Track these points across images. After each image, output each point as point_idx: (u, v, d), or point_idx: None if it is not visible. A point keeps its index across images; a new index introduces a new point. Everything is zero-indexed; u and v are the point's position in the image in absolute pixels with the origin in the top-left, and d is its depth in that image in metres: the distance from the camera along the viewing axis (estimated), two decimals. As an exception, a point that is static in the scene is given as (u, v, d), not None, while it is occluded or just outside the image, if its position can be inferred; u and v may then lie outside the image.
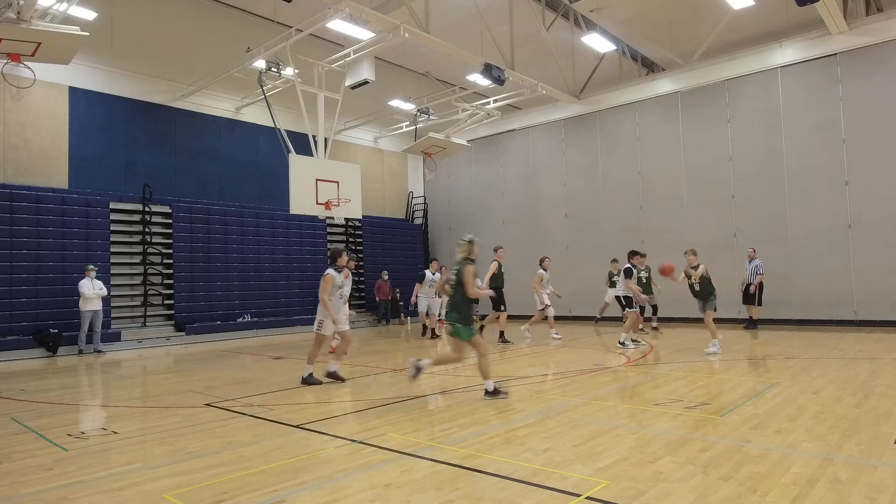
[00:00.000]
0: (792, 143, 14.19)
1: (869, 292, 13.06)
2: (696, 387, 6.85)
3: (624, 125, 17.20)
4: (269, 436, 5.17)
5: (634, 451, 4.34)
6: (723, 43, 15.64)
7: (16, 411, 6.54)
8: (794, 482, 3.60)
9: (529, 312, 18.09)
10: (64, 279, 12.64)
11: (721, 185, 15.20)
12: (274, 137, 14.36)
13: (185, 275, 15.00)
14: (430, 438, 4.90)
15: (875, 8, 14.44)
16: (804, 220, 13.94)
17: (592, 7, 14.82)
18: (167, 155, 15.75)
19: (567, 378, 7.81)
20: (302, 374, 7.91)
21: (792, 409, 5.55)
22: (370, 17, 11.74)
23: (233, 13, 16.34)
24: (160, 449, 4.84)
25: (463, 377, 8.06)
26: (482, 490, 3.64)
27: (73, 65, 11.98)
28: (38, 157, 13.51)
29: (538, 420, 5.41)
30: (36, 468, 4.36)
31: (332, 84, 13.74)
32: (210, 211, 15.81)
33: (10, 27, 8.49)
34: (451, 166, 21.21)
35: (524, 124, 19.60)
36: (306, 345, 13.38)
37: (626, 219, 16.92)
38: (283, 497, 3.61)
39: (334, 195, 13.12)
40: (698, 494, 3.45)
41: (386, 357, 10.77)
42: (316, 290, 8.11)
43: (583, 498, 3.45)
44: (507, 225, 19.85)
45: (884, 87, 12.99)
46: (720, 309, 14.73)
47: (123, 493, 3.78)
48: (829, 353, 9.36)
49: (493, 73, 14.00)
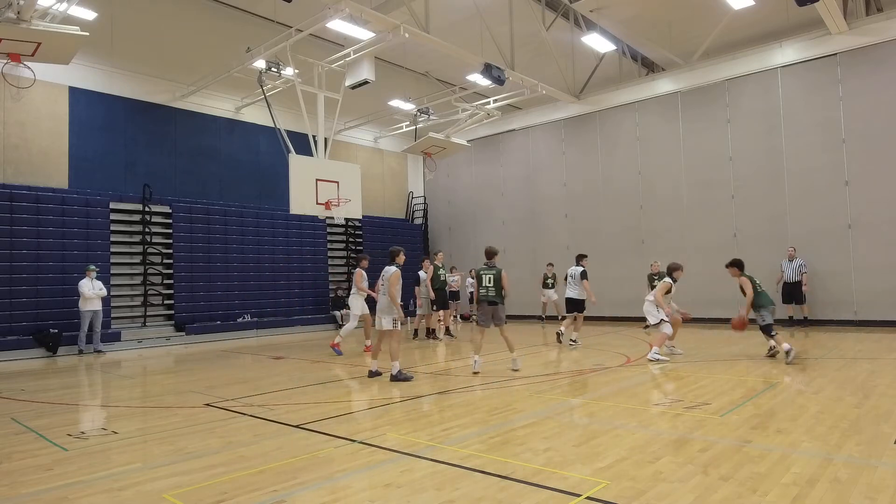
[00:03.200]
0: (792, 143, 14.19)
1: (869, 292, 13.06)
2: (696, 387, 6.85)
3: (624, 125, 17.20)
4: (269, 436, 5.17)
5: (634, 451, 4.34)
6: (723, 43, 15.63)
7: (16, 411, 6.54)
8: (794, 482, 3.60)
9: (529, 313, 18.16)
10: (64, 279, 12.64)
11: (721, 185, 15.20)
12: (274, 137, 14.36)
13: (185, 275, 15.00)
14: (430, 438, 4.90)
15: (875, 8, 14.43)
16: (804, 220, 13.94)
17: (592, 7, 14.81)
18: (167, 155, 15.75)
19: (567, 378, 7.81)
20: (391, 372, 7.88)
21: (792, 409, 5.55)
22: (370, 17, 11.74)
23: (233, 13, 16.33)
24: (160, 449, 4.84)
25: (463, 377, 8.07)
26: (482, 490, 3.64)
27: (73, 65, 11.99)
28: (38, 157, 13.51)
29: (538, 420, 5.41)
30: (36, 468, 4.36)
31: (332, 84, 13.74)
32: (210, 211, 15.81)
33: (10, 27, 8.49)
34: (451, 166, 21.21)
35: (524, 124, 19.60)
36: (306, 345, 13.40)
37: (626, 219, 16.92)
38: (283, 497, 3.61)
39: (334, 195, 13.12)
40: (698, 494, 3.45)
41: (387, 357, 10.75)
42: (315, 290, 8.11)
43: (583, 498, 3.45)
44: (507, 225, 19.85)
45: (884, 87, 12.99)
46: (717, 310, 14.85)
47: (123, 493, 3.78)
48: (829, 353, 9.36)
49: (493, 73, 13.99)
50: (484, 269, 8.37)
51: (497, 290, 8.22)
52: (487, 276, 8.26)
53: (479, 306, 8.40)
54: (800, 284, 13.43)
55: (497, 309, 8.29)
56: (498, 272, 8.26)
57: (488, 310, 8.29)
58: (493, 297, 8.22)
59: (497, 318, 8.31)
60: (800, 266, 13.50)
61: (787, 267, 13.64)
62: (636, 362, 9.00)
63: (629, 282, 16.27)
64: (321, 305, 17.77)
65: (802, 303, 13.43)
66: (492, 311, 8.28)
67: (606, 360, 9.39)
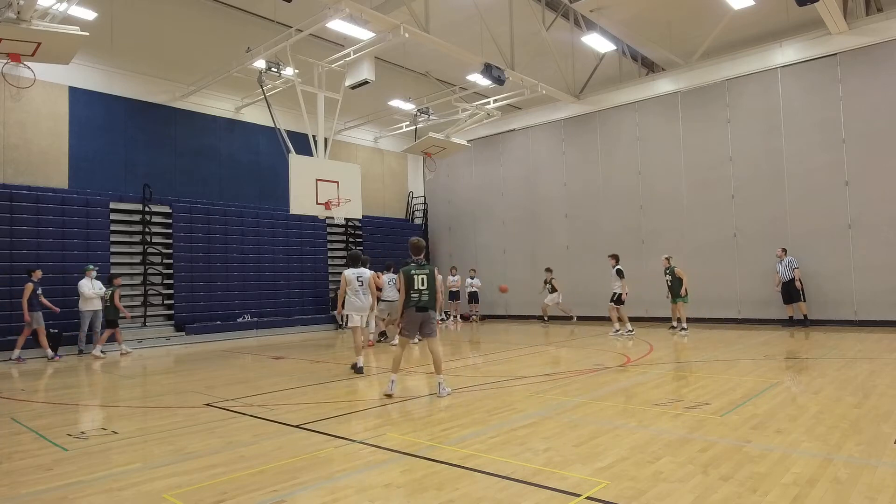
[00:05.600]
0: (792, 143, 14.19)
1: (869, 292, 13.05)
2: (696, 387, 6.85)
3: (624, 125, 17.20)
4: (269, 436, 5.17)
5: (634, 451, 4.34)
6: (723, 43, 15.63)
7: (16, 411, 6.54)
8: (794, 482, 3.60)
9: (530, 312, 18.17)
10: (64, 279, 12.64)
11: (721, 185, 15.20)
12: (274, 137, 14.36)
13: (185, 275, 15.00)
14: (430, 438, 4.90)
15: (875, 8, 14.44)
16: (804, 220, 13.94)
17: (592, 7, 14.78)
18: (167, 155, 15.75)
19: (567, 378, 7.81)
20: (358, 364, 8.80)
21: (792, 409, 5.55)
22: (370, 17, 11.74)
23: (233, 13, 16.33)
24: (160, 449, 4.84)
25: (463, 377, 8.07)
26: (482, 490, 3.64)
27: (73, 65, 11.99)
28: (38, 157, 13.50)
29: (538, 420, 5.41)
30: (36, 468, 4.36)
31: (332, 84, 13.74)
32: (210, 211, 15.81)
33: (10, 27, 8.49)
34: (451, 166, 21.21)
35: (524, 124, 19.60)
36: (306, 345, 13.42)
37: (626, 219, 16.92)
38: (283, 497, 3.61)
39: (334, 195, 13.12)
40: (698, 494, 3.45)
41: (388, 357, 10.76)
42: (315, 290, 8.19)
43: (583, 498, 3.45)
44: (507, 225, 19.85)
45: (884, 87, 12.99)
46: (718, 310, 14.88)
47: (123, 493, 3.78)
48: (829, 353, 9.36)
49: (493, 73, 13.99)
50: (414, 267, 6.78)
51: (431, 294, 6.78)
52: (419, 276, 6.73)
53: (406, 313, 6.77)
54: (793, 282, 13.43)
55: (428, 316, 6.80)
56: (431, 271, 6.86)
57: (417, 317, 6.76)
58: (425, 303, 6.74)
59: (427, 329, 6.81)
60: (789, 262, 13.49)
61: (779, 267, 13.64)
62: (636, 362, 9.00)
63: (629, 281, 16.23)
64: (321, 305, 17.76)
65: (800, 300, 13.43)
66: (421, 318, 6.78)
67: (606, 360, 9.39)
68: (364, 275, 9.16)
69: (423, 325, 6.82)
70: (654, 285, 14.99)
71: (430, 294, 6.78)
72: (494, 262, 20.08)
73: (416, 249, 6.93)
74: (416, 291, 6.73)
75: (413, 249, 6.94)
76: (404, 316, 6.83)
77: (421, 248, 6.97)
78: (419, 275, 6.75)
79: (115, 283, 12.42)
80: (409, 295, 6.74)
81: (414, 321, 6.80)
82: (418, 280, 6.74)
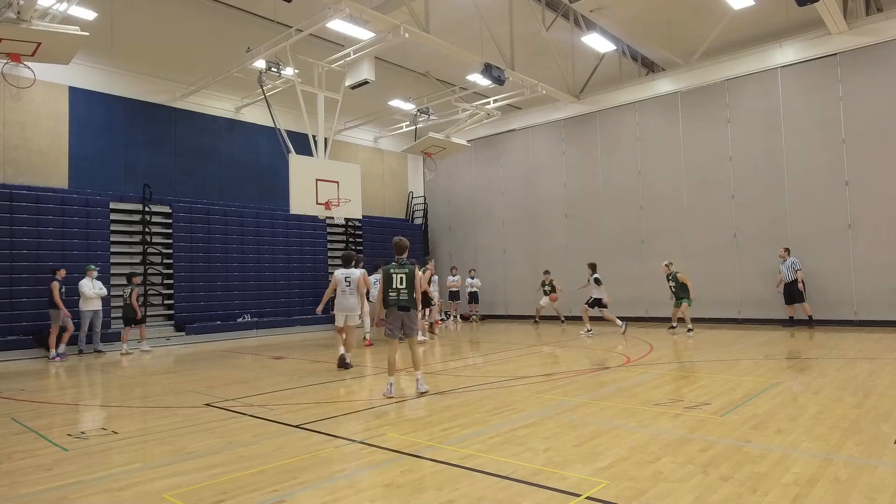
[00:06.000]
0: (792, 143, 14.19)
1: (869, 292, 13.05)
2: (696, 387, 6.86)
3: (624, 125, 17.20)
4: (269, 436, 5.17)
5: (634, 451, 4.34)
6: (723, 43, 15.63)
7: (16, 411, 6.54)
8: (794, 482, 3.60)
9: (531, 313, 18.16)
10: (64, 279, 12.61)
11: (721, 185, 15.20)
12: (274, 137, 14.36)
13: (185, 275, 15.00)
14: (430, 438, 4.90)
15: (875, 8, 14.44)
16: (804, 220, 13.94)
17: (592, 7, 14.79)
18: (167, 155, 15.75)
19: (567, 378, 7.81)
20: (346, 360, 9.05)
21: (792, 409, 5.55)
22: (370, 17, 11.74)
23: (233, 13, 16.32)
24: (160, 449, 4.84)
25: (463, 377, 8.07)
26: (482, 490, 3.64)
27: (73, 65, 11.98)
28: (37, 157, 13.50)
29: (538, 420, 5.41)
30: (36, 468, 4.36)
31: (332, 84, 13.74)
32: (210, 211, 15.81)
33: (10, 27, 8.49)
34: (451, 166, 21.21)
35: (524, 124, 19.60)
36: (306, 345, 13.43)
37: (626, 219, 16.92)
38: (283, 497, 3.61)
39: (334, 195, 13.12)
40: (698, 494, 3.45)
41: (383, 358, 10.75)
42: (316, 290, 8.27)
43: (583, 498, 3.45)
44: (507, 225, 19.85)
45: (884, 87, 12.99)
46: (718, 310, 14.88)
47: (123, 493, 3.78)
48: (829, 353, 9.36)
49: (493, 73, 13.99)
50: (394, 266, 6.91)
51: (410, 293, 6.85)
52: (398, 275, 6.84)
53: (388, 312, 6.89)
54: (796, 283, 13.42)
55: (408, 316, 6.90)
56: (411, 270, 6.92)
57: (398, 316, 6.85)
58: (404, 302, 6.83)
59: (407, 328, 6.90)
60: (792, 264, 13.49)
61: (782, 268, 13.63)
62: (636, 362, 9.00)
63: (629, 282, 16.29)
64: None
65: (802, 301, 13.42)
66: (402, 317, 6.87)
67: (606, 360, 9.39)
68: (353, 275, 9.29)
69: (403, 324, 6.92)
70: (654, 285, 14.99)
71: (409, 293, 6.86)
72: (494, 262, 20.08)
73: (398, 249, 7.05)
74: (395, 290, 6.84)
75: (395, 249, 7.05)
76: (386, 315, 6.95)
77: (403, 247, 7.06)
78: (398, 274, 6.86)
79: (134, 281, 12.79)
80: (388, 294, 6.86)
81: (396, 320, 6.90)
82: (396, 279, 6.85)
